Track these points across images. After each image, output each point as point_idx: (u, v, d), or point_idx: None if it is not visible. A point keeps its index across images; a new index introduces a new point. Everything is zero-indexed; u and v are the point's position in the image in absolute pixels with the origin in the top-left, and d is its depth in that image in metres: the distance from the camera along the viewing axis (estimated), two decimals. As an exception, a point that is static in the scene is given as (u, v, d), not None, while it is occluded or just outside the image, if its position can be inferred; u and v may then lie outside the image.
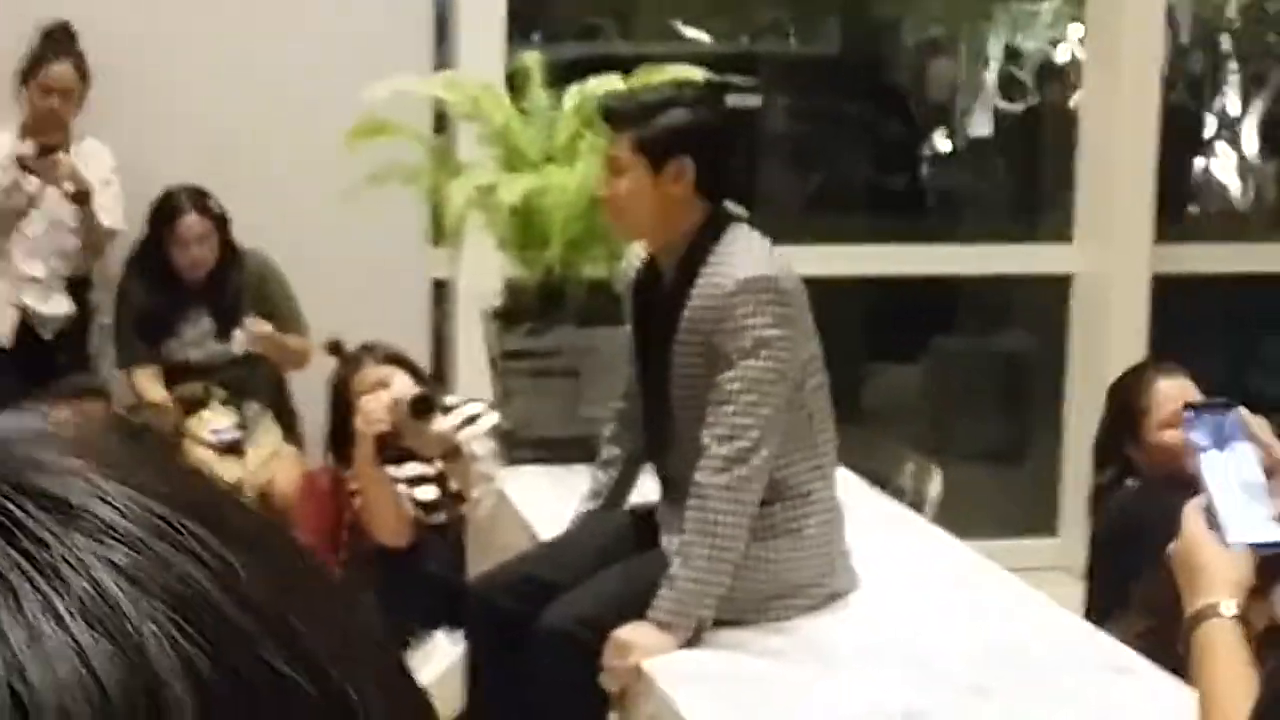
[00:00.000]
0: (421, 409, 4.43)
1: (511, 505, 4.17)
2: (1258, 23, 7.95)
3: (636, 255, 3.59)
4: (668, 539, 3.38)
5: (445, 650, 4.24)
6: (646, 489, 3.66)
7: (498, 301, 4.56)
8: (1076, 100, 6.75)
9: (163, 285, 5.33)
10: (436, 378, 5.24)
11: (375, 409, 4.43)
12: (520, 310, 4.47)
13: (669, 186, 3.36)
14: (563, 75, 4.74)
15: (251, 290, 5.35)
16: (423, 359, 5.17)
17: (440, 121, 5.35)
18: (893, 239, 6.53)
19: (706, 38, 7.57)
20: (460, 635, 3.92)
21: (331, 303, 5.25)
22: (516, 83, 4.75)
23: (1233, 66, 7.72)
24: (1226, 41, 7.80)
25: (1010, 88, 7.77)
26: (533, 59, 4.77)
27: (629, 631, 3.23)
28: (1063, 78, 7.56)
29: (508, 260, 4.55)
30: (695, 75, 4.54)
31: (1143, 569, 3.58)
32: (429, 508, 4.57)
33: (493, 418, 4.49)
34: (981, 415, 7.16)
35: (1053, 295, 6.25)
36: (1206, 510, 2.06)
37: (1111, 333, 5.94)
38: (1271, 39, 7.99)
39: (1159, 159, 5.97)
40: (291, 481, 5.13)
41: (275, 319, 5.31)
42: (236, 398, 5.30)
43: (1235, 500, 2.06)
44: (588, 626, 3.27)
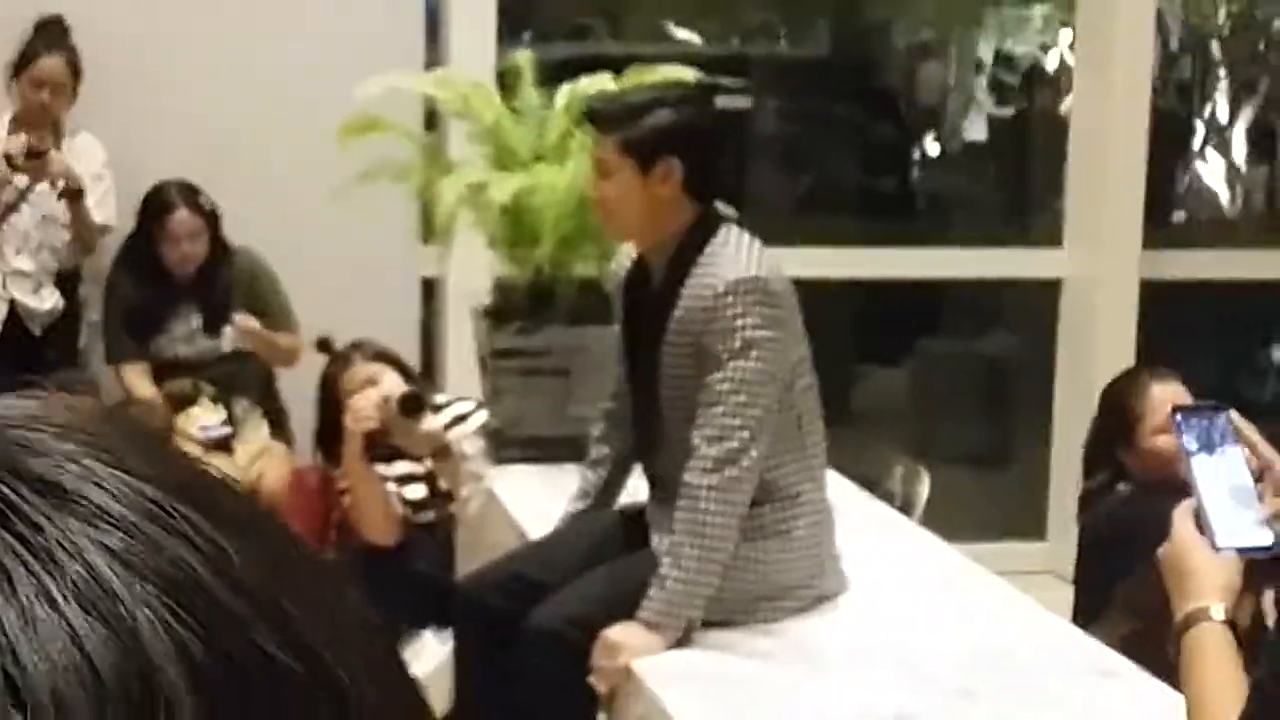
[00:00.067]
0: (411, 407, 4.42)
1: (500, 504, 4.17)
2: (1247, 29, 7.96)
3: (626, 255, 3.59)
4: (657, 539, 3.38)
5: (433, 649, 4.24)
6: (636, 489, 3.66)
7: (488, 300, 4.55)
8: (1066, 105, 6.76)
9: (152, 281, 5.31)
10: (426, 376, 5.24)
11: (364, 407, 4.43)
12: (510, 309, 4.47)
13: (657, 187, 3.35)
14: (553, 75, 4.74)
15: (241, 287, 5.33)
16: (412, 357, 5.16)
17: (431, 119, 5.34)
18: (882, 242, 6.52)
19: (697, 39, 7.57)
20: (448, 634, 3.92)
21: (321, 300, 5.24)
22: (507, 81, 4.75)
23: (1222, 73, 7.73)
24: (1216, 48, 7.81)
25: (1000, 92, 7.78)
26: (524, 58, 4.76)
27: (618, 632, 3.22)
28: (1053, 83, 7.57)
29: (498, 259, 4.54)
30: (686, 76, 4.54)
31: (1130, 573, 3.60)
32: (418, 506, 4.57)
33: (482, 416, 4.49)
34: (970, 419, 7.17)
35: (1042, 299, 6.26)
36: (1196, 514, 2.07)
37: (1100, 337, 5.95)
38: (1261, 46, 8.01)
39: (1148, 165, 5.98)
40: (280, 479, 5.12)
41: (265, 316, 5.29)
42: (225, 394, 5.28)
43: (1224, 504, 2.07)
44: (577, 626, 3.27)
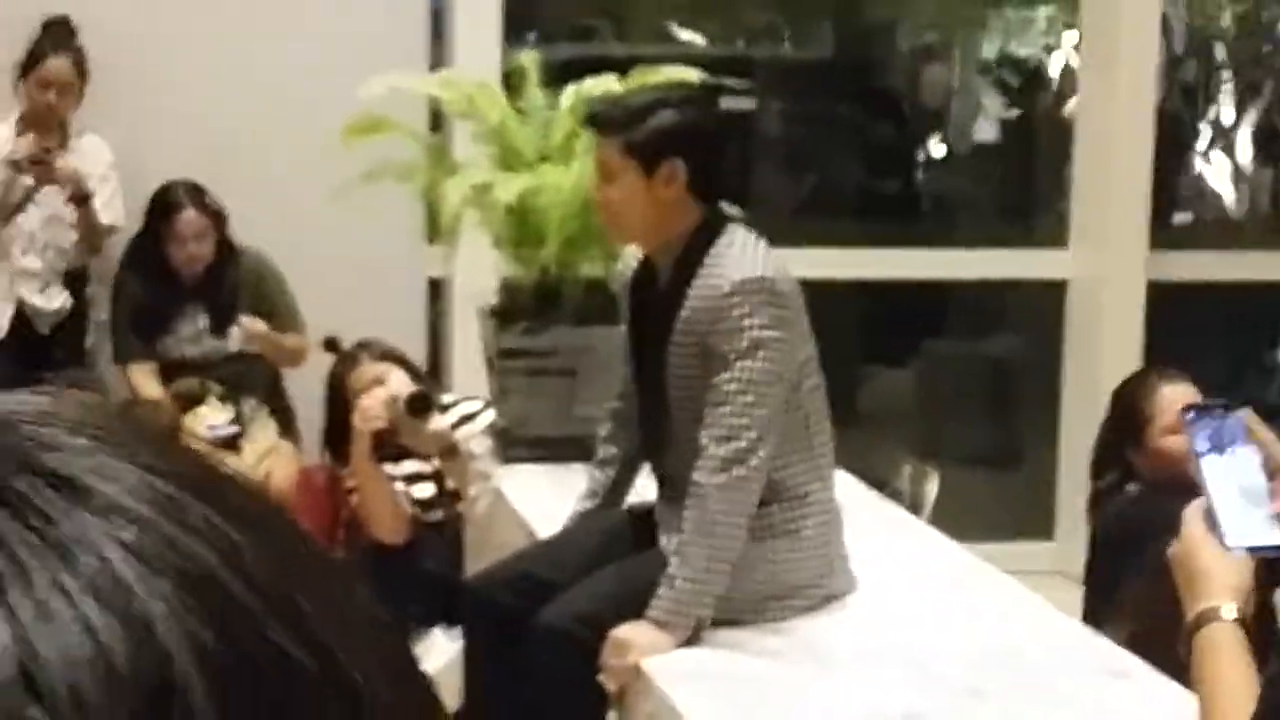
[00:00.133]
0: (418, 407, 4.42)
1: (508, 504, 4.17)
2: (1251, 32, 7.96)
3: (633, 255, 3.59)
4: (666, 539, 3.37)
5: (443, 647, 4.23)
6: (644, 488, 3.66)
7: (494, 300, 4.55)
8: (1071, 107, 6.77)
9: (159, 281, 5.31)
10: (432, 376, 5.24)
11: (372, 406, 4.43)
12: (516, 309, 4.46)
13: (661, 190, 3.35)
14: (558, 76, 4.74)
15: (248, 288, 5.33)
16: (418, 357, 5.16)
17: (436, 120, 5.35)
18: (886, 243, 6.53)
19: (701, 40, 7.57)
20: (457, 632, 3.92)
21: (327, 300, 5.24)
22: (512, 82, 4.75)
23: (1227, 75, 7.73)
24: (1221, 50, 7.81)
25: (1005, 94, 7.78)
26: (529, 58, 4.76)
27: (627, 630, 3.22)
28: (1057, 84, 7.57)
29: (503, 259, 4.54)
30: (690, 77, 4.54)
31: (1140, 573, 3.60)
32: (426, 505, 4.57)
33: (489, 416, 4.49)
34: (977, 419, 7.16)
35: (1048, 300, 6.26)
36: (1206, 513, 2.07)
37: (1106, 338, 5.95)
38: (1266, 48, 8.01)
39: (1153, 167, 5.98)
40: (288, 478, 5.12)
41: (272, 316, 5.30)
42: (233, 394, 5.28)
43: (1235, 504, 2.07)
44: (586, 625, 3.26)
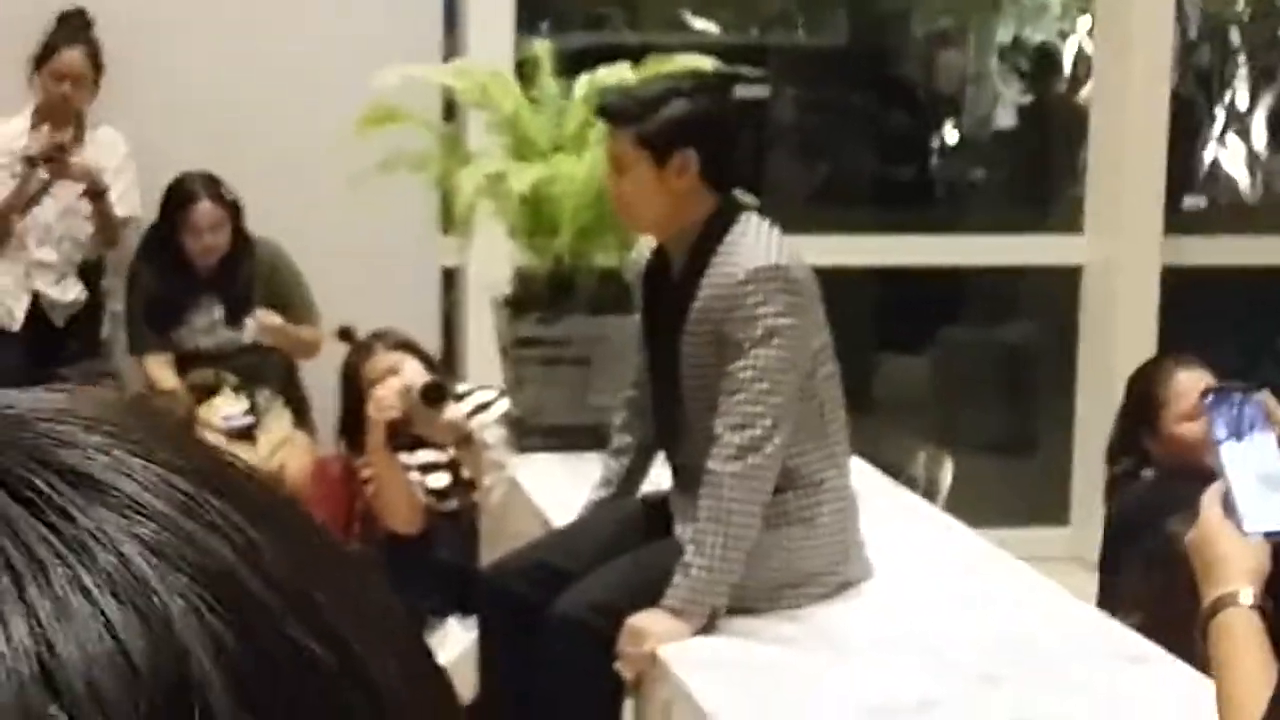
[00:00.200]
0: (433, 396, 4.42)
1: (523, 493, 4.17)
2: (1266, 16, 7.94)
3: (646, 244, 3.59)
4: (681, 527, 3.38)
5: (458, 636, 4.24)
6: (658, 477, 3.67)
7: (508, 289, 4.55)
8: (1086, 92, 6.75)
9: (174, 272, 5.31)
10: (447, 365, 5.24)
11: (387, 396, 4.43)
12: (530, 298, 4.47)
13: (674, 180, 3.35)
14: (571, 65, 4.74)
15: (262, 279, 5.33)
16: (433, 347, 5.16)
17: (450, 110, 5.35)
18: (901, 230, 6.52)
19: (714, 28, 7.57)
20: (473, 621, 3.93)
21: (342, 290, 5.25)
22: (526, 71, 4.74)
23: (1241, 60, 7.71)
24: (1235, 35, 7.79)
25: (1019, 80, 7.76)
26: (543, 47, 4.76)
27: (643, 618, 3.23)
28: (1072, 70, 7.56)
29: (518, 248, 4.54)
30: (704, 66, 4.53)
31: (1143, 560, 3.59)
32: (441, 495, 4.57)
33: (504, 405, 4.49)
34: (991, 406, 7.15)
35: (1062, 286, 6.24)
36: (1224, 499, 2.07)
37: (1121, 324, 5.94)
38: (1280, 32, 7.98)
39: (1168, 152, 5.97)
40: (303, 468, 5.13)
41: (286, 308, 5.30)
42: (248, 384, 5.29)
43: (1252, 489, 2.07)
44: (601, 613, 3.27)
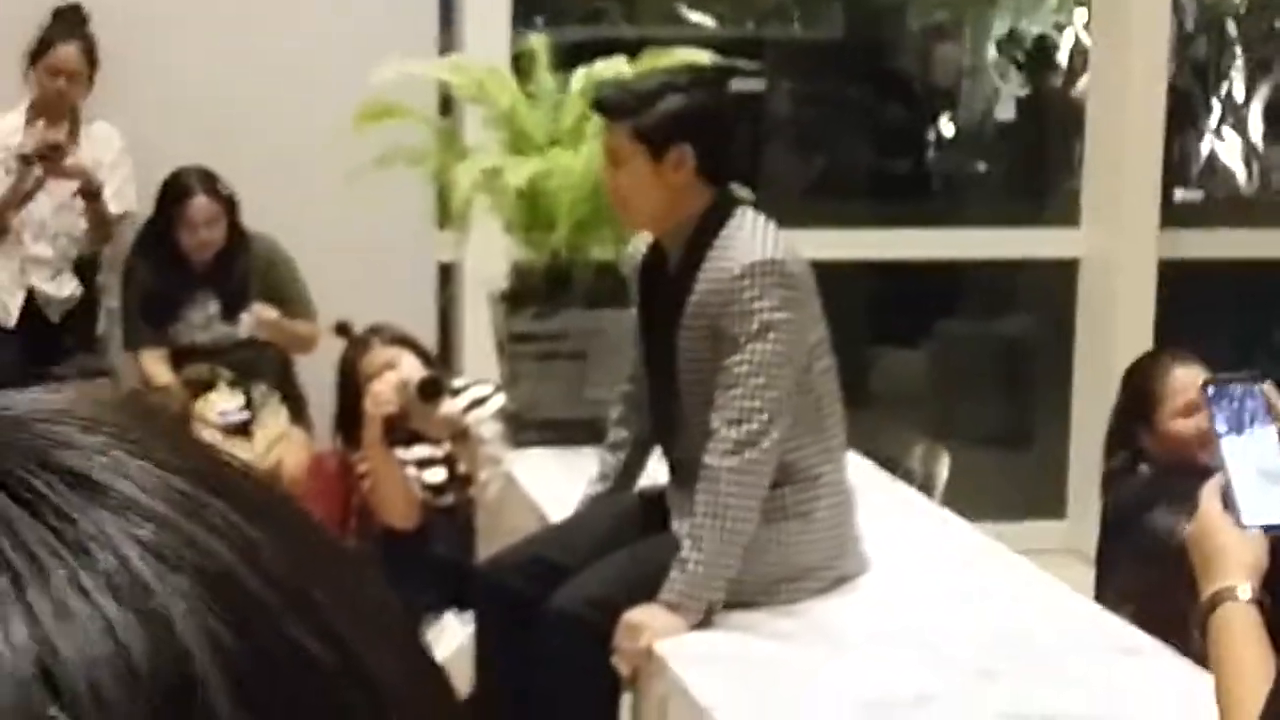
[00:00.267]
0: (430, 391, 4.42)
1: (520, 488, 4.17)
2: (1263, 9, 7.94)
3: (643, 238, 3.59)
4: (678, 522, 3.38)
5: (454, 632, 4.24)
6: (655, 472, 3.66)
7: (504, 284, 4.55)
8: (1082, 85, 6.75)
9: (170, 267, 5.31)
10: (443, 360, 5.24)
11: (383, 391, 4.43)
12: (527, 293, 4.47)
13: (671, 174, 3.35)
14: (567, 59, 4.74)
15: (258, 274, 5.33)
16: (429, 342, 5.16)
17: (446, 104, 5.34)
18: (897, 223, 6.52)
19: (710, 21, 7.56)
20: (469, 616, 3.93)
21: (338, 286, 5.24)
22: (522, 65, 4.74)
23: (1238, 52, 7.71)
24: (1232, 27, 7.79)
25: (1015, 72, 7.77)
26: (539, 42, 4.75)
27: (640, 613, 3.23)
28: (1069, 62, 7.56)
29: (514, 243, 4.54)
30: (701, 59, 4.53)
31: (1133, 554, 3.60)
32: (437, 490, 4.57)
33: (500, 400, 4.49)
34: (989, 399, 7.16)
35: (1059, 279, 6.24)
36: (1223, 493, 2.06)
37: (1118, 317, 5.94)
38: (1277, 24, 7.98)
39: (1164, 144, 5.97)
40: (299, 464, 5.13)
41: (282, 303, 5.30)
42: (244, 380, 5.29)
43: (1252, 483, 2.07)
44: (598, 608, 3.27)
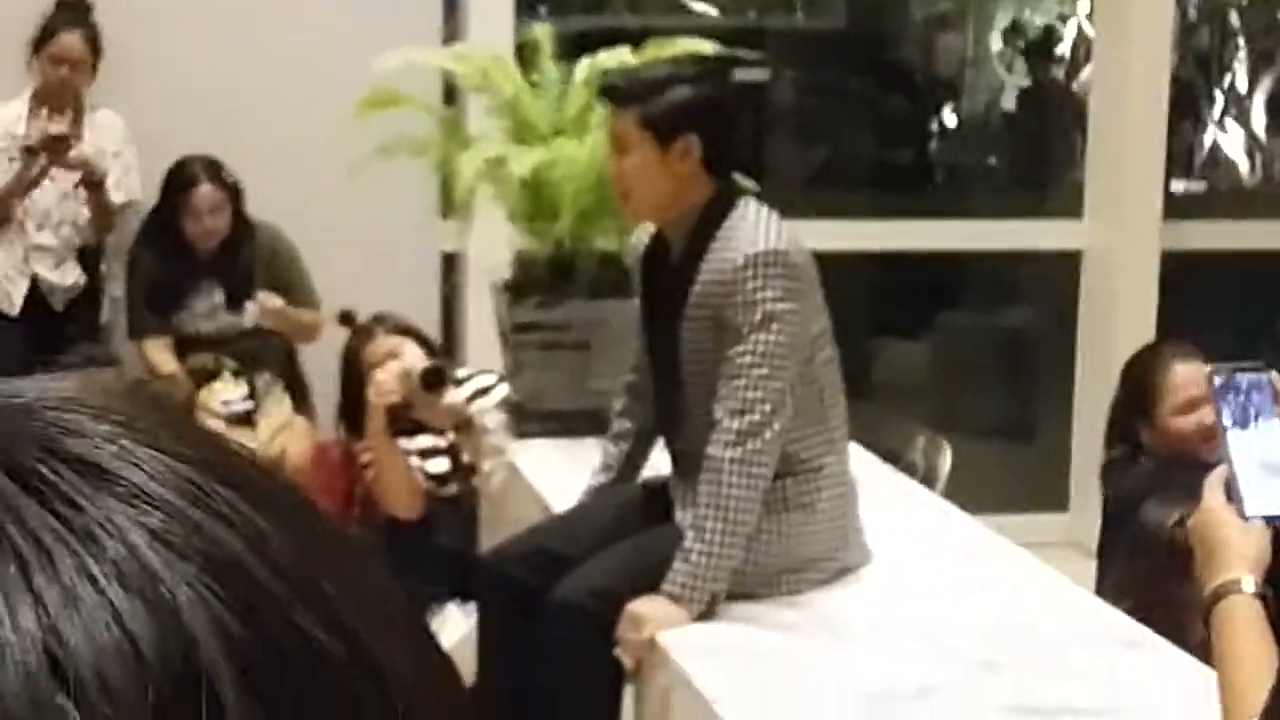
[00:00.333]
0: (433, 381, 4.42)
1: (523, 478, 4.17)
2: (1266, 0, 7.93)
3: (646, 228, 3.59)
4: (680, 513, 3.38)
5: (457, 622, 4.24)
6: (658, 462, 3.67)
7: (508, 274, 4.55)
8: (1085, 76, 6.75)
9: (174, 256, 5.31)
10: (446, 350, 5.24)
11: (387, 380, 4.42)
12: (530, 283, 4.46)
13: (676, 164, 3.35)
14: (571, 49, 4.73)
15: (262, 263, 5.33)
16: (433, 331, 5.16)
17: (450, 94, 5.34)
18: (900, 214, 6.52)
19: (714, 11, 7.56)
20: (472, 608, 3.93)
21: (342, 275, 5.24)
22: (526, 55, 4.74)
23: (1240, 43, 7.71)
24: (1234, 18, 7.78)
25: (1018, 63, 7.76)
26: (543, 31, 4.75)
27: (643, 604, 3.23)
28: (1071, 54, 7.55)
29: (518, 233, 4.54)
30: (705, 49, 4.53)
31: (1127, 548, 3.60)
32: (440, 479, 4.57)
33: (503, 390, 4.49)
34: (991, 391, 7.15)
35: (1062, 271, 6.24)
36: (1226, 485, 2.07)
37: (1121, 308, 5.94)
38: (1279, 16, 7.97)
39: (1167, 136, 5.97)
40: (303, 453, 5.13)
41: (286, 292, 5.29)
42: (247, 369, 5.29)
43: (1255, 474, 2.07)
44: (601, 599, 3.27)
